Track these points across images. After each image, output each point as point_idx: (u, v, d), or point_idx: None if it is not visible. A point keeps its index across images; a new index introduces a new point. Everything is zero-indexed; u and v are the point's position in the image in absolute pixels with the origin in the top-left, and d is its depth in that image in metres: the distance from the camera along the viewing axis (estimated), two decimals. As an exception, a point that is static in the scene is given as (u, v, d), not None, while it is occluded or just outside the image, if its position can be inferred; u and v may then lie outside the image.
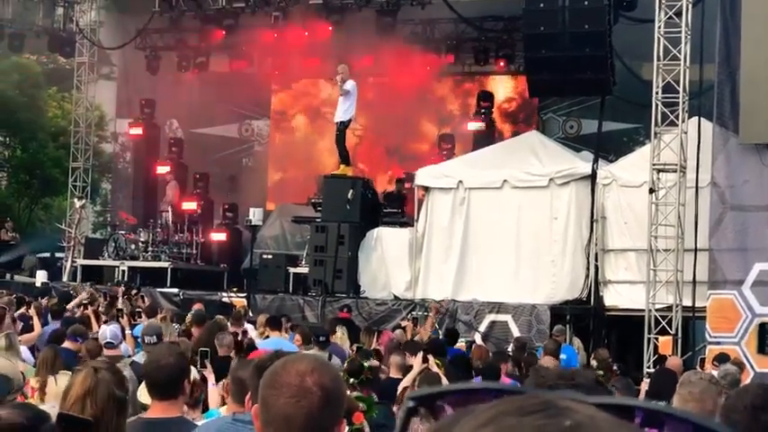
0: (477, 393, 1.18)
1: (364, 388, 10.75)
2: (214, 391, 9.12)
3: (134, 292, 23.16)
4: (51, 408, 5.86)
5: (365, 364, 11.90)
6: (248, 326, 17.30)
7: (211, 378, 9.34)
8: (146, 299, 22.46)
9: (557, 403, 1.08)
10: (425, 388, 1.24)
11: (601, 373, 13.56)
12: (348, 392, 8.37)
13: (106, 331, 11.96)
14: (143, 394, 6.27)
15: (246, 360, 7.25)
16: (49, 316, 17.20)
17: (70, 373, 7.28)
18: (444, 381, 10.82)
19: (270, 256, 27.16)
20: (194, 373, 8.09)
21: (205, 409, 8.43)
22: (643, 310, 20.44)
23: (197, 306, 19.41)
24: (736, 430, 3.76)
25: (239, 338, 13.72)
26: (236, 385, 6.26)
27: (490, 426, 1.08)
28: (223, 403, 8.68)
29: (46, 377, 8.67)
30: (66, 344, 12.44)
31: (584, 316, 21.64)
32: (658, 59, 20.78)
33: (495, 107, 30.99)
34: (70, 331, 12.92)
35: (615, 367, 15.79)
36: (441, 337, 18.65)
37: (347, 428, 6.92)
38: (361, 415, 8.01)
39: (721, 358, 15.42)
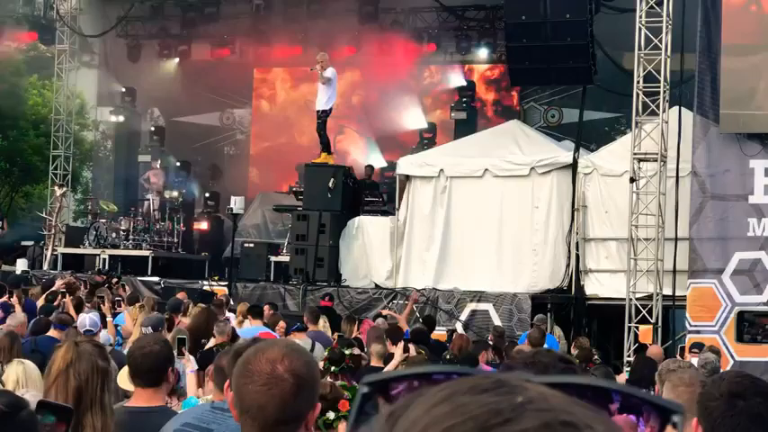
0: (432, 377, 1.20)
1: (345, 376, 10.78)
2: (192, 379, 9.10)
3: (114, 280, 23.11)
4: (32, 396, 5.85)
5: (346, 352, 11.93)
6: (230, 315, 17.29)
7: (189, 365, 9.31)
8: (126, 287, 22.41)
9: (509, 381, 1.12)
10: (379, 373, 1.26)
11: (577, 361, 13.60)
12: (333, 381, 8.40)
13: (85, 319, 11.93)
14: (123, 380, 6.27)
15: (229, 349, 7.25)
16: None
17: (25, 361, 7.28)
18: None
19: (251, 245, 27.15)
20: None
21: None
22: (623, 299, 20.50)
23: (180, 295, 19.38)
24: (713, 418, 3.78)
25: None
26: (219, 374, 6.28)
27: (444, 404, 1.10)
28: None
29: (4, 364, 8.63)
30: (52, 332, 12.43)
31: (565, 305, 21.71)
32: (639, 49, 20.81)
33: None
34: (57, 320, 12.91)
35: (596, 356, 15.81)
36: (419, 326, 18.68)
37: (333, 415, 6.96)
38: (347, 402, 8.04)
39: (698, 346, 15.52)
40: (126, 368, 6.11)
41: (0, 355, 9.24)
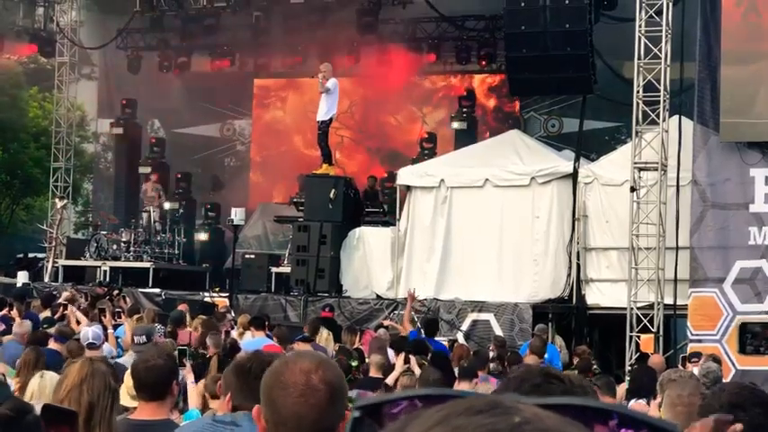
0: (423, 400, 1.20)
1: (351, 387, 10.77)
2: (194, 391, 9.09)
3: (116, 292, 23.08)
4: (37, 403, 5.85)
5: (353, 364, 11.95)
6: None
7: (190, 377, 9.30)
8: (127, 299, 22.39)
9: (503, 402, 1.13)
10: (370, 397, 1.26)
11: (576, 373, 13.60)
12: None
13: (88, 332, 11.92)
14: (123, 395, 6.27)
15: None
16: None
17: (51, 372, 7.29)
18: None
19: (252, 256, 27.14)
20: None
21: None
22: (625, 309, 20.47)
23: (181, 307, 19.35)
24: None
25: (223, 339, 13.74)
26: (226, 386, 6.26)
27: (440, 426, 1.10)
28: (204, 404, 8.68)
29: (27, 378, 8.63)
30: (53, 345, 12.43)
31: (567, 314, 21.69)
32: (639, 58, 20.82)
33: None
34: (57, 332, 12.90)
35: (595, 366, 15.79)
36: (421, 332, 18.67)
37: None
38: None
39: (697, 355, 15.54)
40: (126, 384, 6.11)
41: (24, 369, 9.22)
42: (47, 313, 17.63)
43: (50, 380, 7.08)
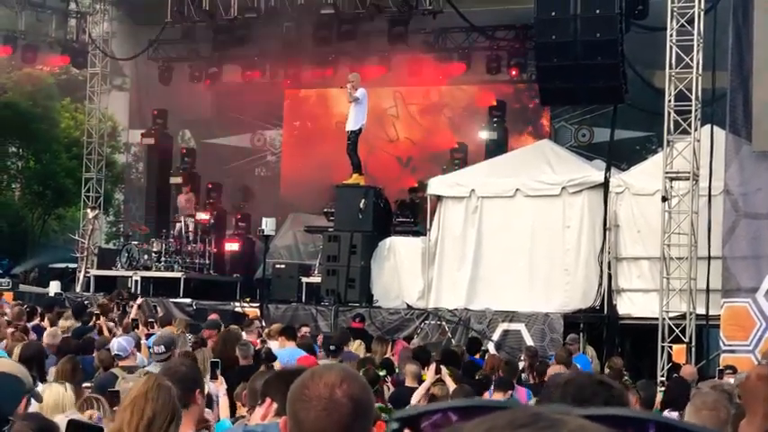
0: (461, 412, 1.19)
1: (378, 398, 10.76)
2: (225, 403, 9.11)
3: (124, 295, 23.09)
4: (65, 418, 5.87)
5: (380, 374, 11.92)
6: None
7: (222, 389, 9.32)
8: (144, 308, 22.38)
9: (546, 415, 1.11)
10: (408, 408, 1.25)
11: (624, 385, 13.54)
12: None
13: (114, 344, 11.97)
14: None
15: (264, 371, 7.25)
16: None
17: (59, 385, 7.32)
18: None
19: (283, 266, 27.18)
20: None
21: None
22: (656, 319, 20.38)
23: (212, 316, 19.41)
24: None
25: (257, 348, 13.75)
26: (252, 396, 6.25)
27: None
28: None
29: None
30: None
31: (598, 324, 21.60)
32: (670, 67, 20.74)
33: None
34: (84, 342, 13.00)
35: (626, 377, 15.71)
36: (453, 346, 18.64)
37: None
38: (383, 424, 8.02)
39: (731, 368, 15.47)
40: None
41: (62, 378, 9.24)
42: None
43: (57, 393, 7.14)
